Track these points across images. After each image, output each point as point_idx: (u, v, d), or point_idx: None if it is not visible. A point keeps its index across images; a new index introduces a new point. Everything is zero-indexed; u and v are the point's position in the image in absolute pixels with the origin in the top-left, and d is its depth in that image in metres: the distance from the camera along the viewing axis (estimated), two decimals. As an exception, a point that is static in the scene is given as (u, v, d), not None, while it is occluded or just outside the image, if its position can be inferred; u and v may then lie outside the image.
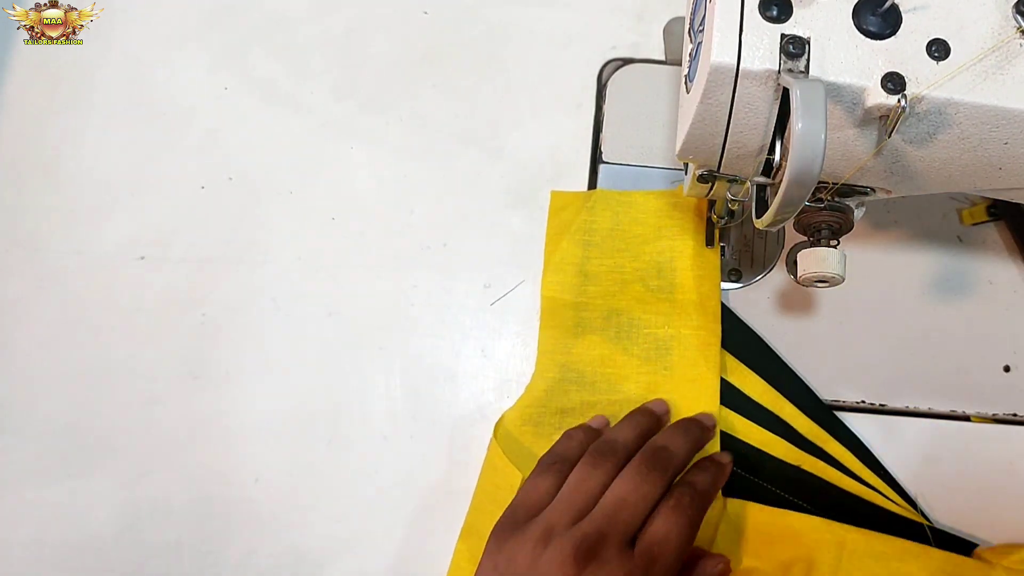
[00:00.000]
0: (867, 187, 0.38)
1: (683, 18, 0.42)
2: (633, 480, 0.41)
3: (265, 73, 0.56)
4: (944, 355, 0.49)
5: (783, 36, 0.33)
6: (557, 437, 0.47)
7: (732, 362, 0.48)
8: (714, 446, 0.46)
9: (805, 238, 0.41)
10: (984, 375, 0.49)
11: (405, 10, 0.57)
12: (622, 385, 0.48)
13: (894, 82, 0.32)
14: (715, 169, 0.38)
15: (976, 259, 0.51)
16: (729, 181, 0.39)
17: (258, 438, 0.48)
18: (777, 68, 0.32)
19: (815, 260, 0.39)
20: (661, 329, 0.49)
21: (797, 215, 0.36)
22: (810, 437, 0.47)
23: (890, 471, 0.47)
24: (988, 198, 0.50)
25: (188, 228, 0.53)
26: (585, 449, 0.44)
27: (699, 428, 0.45)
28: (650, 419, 0.46)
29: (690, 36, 0.39)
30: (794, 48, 0.32)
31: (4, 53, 0.56)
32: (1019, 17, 0.33)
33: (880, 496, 0.46)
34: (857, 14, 0.33)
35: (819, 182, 0.37)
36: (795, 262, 0.41)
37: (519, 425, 0.47)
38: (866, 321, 0.49)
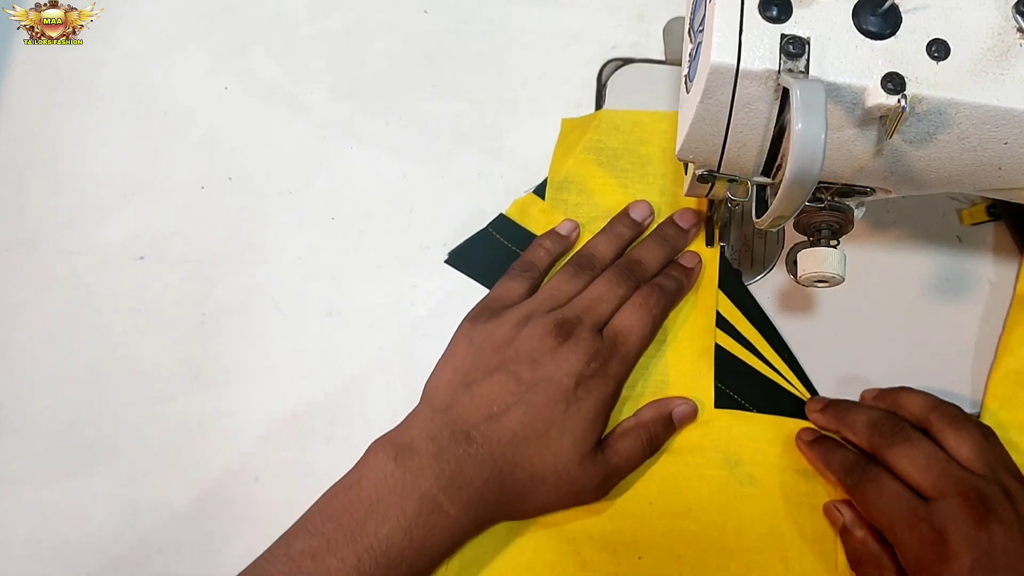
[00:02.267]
0: (867, 187, 0.38)
1: (683, 18, 0.42)
2: (608, 284, 0.45)
3: (265, 73, 0.56)
4: (944, 355, 0.49)
5: (783, 36, 0.33)
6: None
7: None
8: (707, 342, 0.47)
9: (805, 238, 0.41)
10: (984, 375, 0.48)
11: (405, 10, 0.57)
12: None
13: (894, 82, 0.32)
14: (715, 169, 0.38)
15: (976, 259, 0.51)
16: (729, 181, 0.39)
17: (258, 438, 0.48)
18: (777, 68, 0.32)
19: (815, 260, 0.39)
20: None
21: (797, 215, 0.36)
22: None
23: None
24: (988, 198, 0.50)
25: (188, 228, 0.53)
26: (554, 258, 0.49)
27: (676, 233, 0.48)
28: (631, 228, 0.49)
29: (690, 36, 0.39)
30: (794, 48, 0.32)
31: (4, 53, 0.56)
32: (1019, 17, 0.33)
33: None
34: (857, 14, 0.33)
35: (819, 182, 0.37)
36: (795, 262, 0.41)
37: None
38: (866, 321, 0.49)
